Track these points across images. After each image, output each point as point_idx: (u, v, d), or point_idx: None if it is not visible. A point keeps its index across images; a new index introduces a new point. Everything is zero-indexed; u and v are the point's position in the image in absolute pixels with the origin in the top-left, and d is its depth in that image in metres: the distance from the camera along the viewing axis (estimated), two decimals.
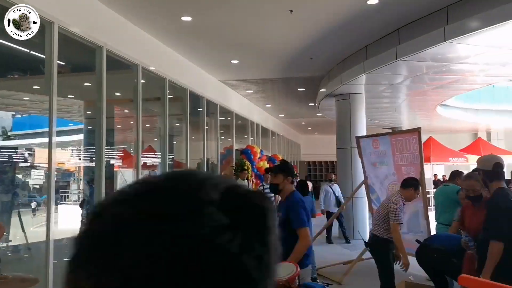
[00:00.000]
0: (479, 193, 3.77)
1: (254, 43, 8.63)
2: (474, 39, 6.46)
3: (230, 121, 13.27)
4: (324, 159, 26.46)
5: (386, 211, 4.98)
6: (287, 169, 3.67)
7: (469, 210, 3.97)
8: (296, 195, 3.66)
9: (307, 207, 6.71)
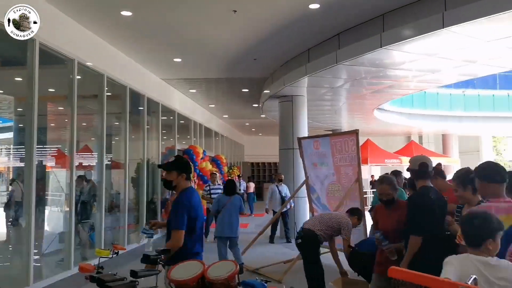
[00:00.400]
0: (391, 197, 3.98)
1: (197, 42, 8.52)
2: (408, 46, 6.81)
3: (172, 120, 13.02)
4: (268, 160, 26.74)
5: (338, 225, 5.22)
6: (181, 166, 3.47)
7: (382, 212, 4.11)
8: (185, 194, 3.42)
9: (235, 205, 6.91)
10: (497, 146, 34.47)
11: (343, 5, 6.69)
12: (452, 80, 10.30)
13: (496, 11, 5.21)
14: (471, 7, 5.50)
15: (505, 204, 2.76)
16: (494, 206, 2.74)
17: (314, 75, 8.70)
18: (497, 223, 2.31)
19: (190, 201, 3.38)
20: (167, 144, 13.07)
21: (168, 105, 12.30)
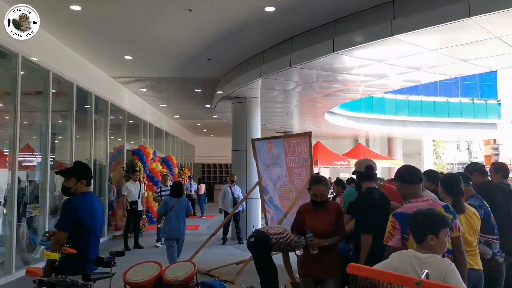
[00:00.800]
0: (325, 198, 3.89)
1: (150, 40, 8.34)
2: (358, 52, 7.05)
3: (121, 120, 12.65)
4: (219, 161, 26.64)
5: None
6: (80, 172, 3.46)
7: (310, 213, 3.90)
8: (77, 197, 3.38)
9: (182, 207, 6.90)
10: (437, 149, 36.47)
11: (298, 10, 6.81)
12: (397, 86, 10.77)
13: (441, 21, 5.51)
14: (418, 17, 5.79)
15: (424, 203, 2.98)
16: (414, 206, 2.95)
17: (268, 77, 8.79)
18: (439, 220, 2.47)
19: (80, 205, 3.31)
20: (115, 144, 12.69)
21: (117, 103, 11.94)
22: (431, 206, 2.91)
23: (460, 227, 3.00)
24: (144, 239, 10.24)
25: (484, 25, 5.56)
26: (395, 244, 2.91)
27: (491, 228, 3.69)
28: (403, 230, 2.88)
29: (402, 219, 2.91)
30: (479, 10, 5.14)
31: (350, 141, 24.70)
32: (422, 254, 2.34)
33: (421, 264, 2.26)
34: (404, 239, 2.91)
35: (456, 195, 3.45)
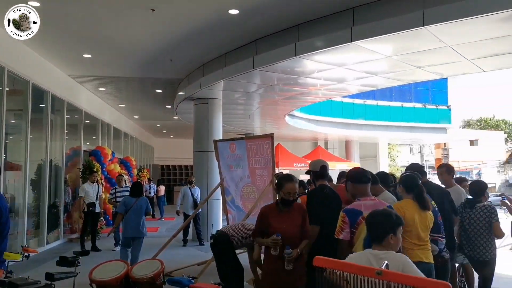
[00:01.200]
0: (296, 198, 3.89)
1: (110, 38, 8.18)
2: (319, 56, 7.25)
3: (78, 120, 12.30)
4: (179, 163, 26.36)
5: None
6: None
7: (274, 216, 3.74)
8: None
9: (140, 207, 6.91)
10: (391, 152, 37.78)
11: (261, 13, 6.92)
12: (355, 90, 11.13)
13: (397, 29, 5.78)
14: (376, 25, 6.04)
15: (371, 202, 3.34)
16: (363, 203, 3.31)
17: (230, 79, 8.85)
18: (396, 219, 2.63)
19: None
20: (71, 144, 12.31)
21: (74, 103, 11.60)
22: (378, 205, 3.27)
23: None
24: (101, 242, 9.99)
25: (436, 34, 5.88)
26: (345, 238, 3.23)
27: (437, 227, 3.93)
28: (352, 225, 3.21)
29: (351, 215, 3.26)
30: (433, 20, 5.44)
31: (309, 143, 25.15)
32: (378, 251, 2.46)
33: (378, 259, 2.37)
34: (352, 233, 3.22)
35: (417, 193, 3.70)
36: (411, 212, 3.52)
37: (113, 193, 9.92)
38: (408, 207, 3.64)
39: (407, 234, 3.44)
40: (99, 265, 2.77)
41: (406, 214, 3.53)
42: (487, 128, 55.08)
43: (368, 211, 3.11)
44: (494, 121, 59.40)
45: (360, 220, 3.25)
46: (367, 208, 3.24)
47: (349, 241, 3.23)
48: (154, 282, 2.60)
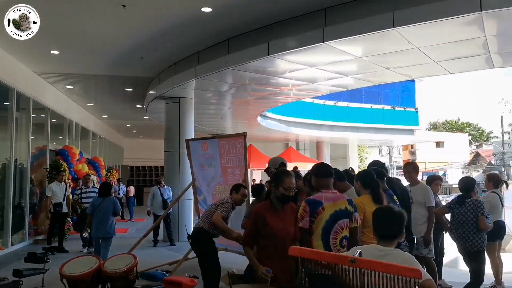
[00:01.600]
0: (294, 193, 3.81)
1: (79, 35, 7.98)
2: (292, 56, 7.31)
3: (44, 118, 11.93)
4: (149, 163, 25.97)
5: (215, 207, 5.23)
6: None
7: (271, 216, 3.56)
8: None
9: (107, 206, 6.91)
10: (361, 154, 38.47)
11: (234, 12, 6.91)
12: (326, 91, 11.27)
13: (368, 30, 5.90)
14: (348, 25, 6.15)
15: (332, 194, 3.52)
16: (324, 195, 3.49)
17: (202, 78, 8.79)
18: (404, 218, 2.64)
19: None
20: (38, 144, 11.93)
21: (40, 101, 11.24)
22: (338, 197, 3.51)
23: (359, 220, 3.52)
24: (69, 243, 9.71)
25: (405, 36, 6.04)
26: (304, 226, 3.40)
27: None
28: (312, 214, 3.39)
29: (311, 205, 3.44)
30: (402, 21, 5.58)
31: (281, 144, 25.27)
32: (385, 247, 2.46)
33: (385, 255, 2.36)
34: (312, 221, 3.40)
35: (373, 188, 3.90)
36: (370, 208, 3.64)
37: (78, 194, 9.62)
38: (368, 202, 3.82)
39: (367, 229, 3.57)
40: (70, 260, 2.70)
41: (367, 210, 3.70)
42: (452, 130, 56.95)
43: (328, 202, 3.41)
44: (459, 123, 61.49)
45: (320, 210, 3.41)
46: (327, 199, 3.45)
47: (307, 229, 3.39)
48: (127, 276, 2.55)
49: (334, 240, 3.37)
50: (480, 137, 58.03)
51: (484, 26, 5.59)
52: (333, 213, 3.40)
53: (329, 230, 3.37)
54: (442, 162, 45.20)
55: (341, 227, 3.41)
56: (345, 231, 3.43)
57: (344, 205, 3.49)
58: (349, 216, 3.48)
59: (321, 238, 3.36)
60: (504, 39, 6.45)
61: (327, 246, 3.33)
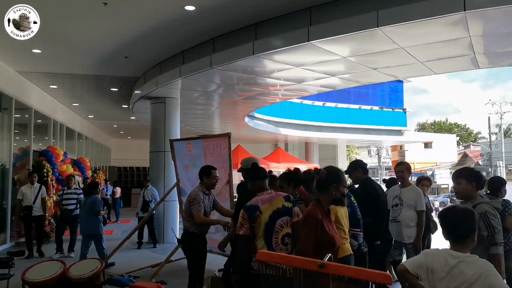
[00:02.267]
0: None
1: (61, 33, 7.83)
2: (278, 56, 7.24)
3: (28, 118, 11.71)
4: (137, 164, 25.74)
5: (188, 206, 5.08)
6: None
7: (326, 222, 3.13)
8: None
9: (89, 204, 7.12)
10: (350, 154, 38.60)
11: (218, 11, 6.81)
12: (314, 91, 11.23)
13: (353, 30, 5.85)
14: (332, 25, 6.09)
15: (267, 195, 3.53)
16: (260, 198, 3.50)
17: (188, 78, 8.68)
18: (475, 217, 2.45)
19: None
20: (21, 144, 11.71)
21: (23, 101, 11.03)
22: (274, 197, 3.50)
23: (299, 214, 3.47)
24: (50, 247, 9.44)
25: (390, 36, 6.00)
26: (245, 233, 3.38)
27: (356, 222, 4.13)
28: (251, 219, 3.39)
29: (249, 211, 3.43)
30: (386, 21, 5.54)
31: (270, 145, 25.23)
32: (460, 253, 2.27)
33: (459, 263, 2.21)
34: (252, 227, 3.39)
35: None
36: (341, 209, 3.68)
37: (60, 195, 9.22)
38: None
39: (339, 231, 3.57)
40: (34, 265, 2.58)
41: (338, 212, 3.68)
42: (440, 131, 57.46)
43: (264, 204, 3.42)
44: (447, 124, 62.09)
45: (257, 214, 3.41)
46: (263, 202, 3.46)
47: (249, 236, 3.39)
48: (92, 282, 2.45)
49: (276, 240, 3.39)
50: (468, 137, 58.66)
51: (469, 26, 5.57)
52: (271, 214, 3.43)
53: (270, 231, 3.39)
54: (431, 163, 45.56)
55: (281, 226, 3.43)
56: (285, 229, 3.44)
57: (280, 203, 3.50)
58: (289, 213, 3.50)
59: (264, 240, 3.38)
60: (489, 40, 6.45)
61: (269, 247, 3.34)
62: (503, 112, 38.60)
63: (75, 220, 8.95)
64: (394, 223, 5.18)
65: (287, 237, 3.42)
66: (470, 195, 3.38)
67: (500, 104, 38.99)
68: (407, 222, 5.08)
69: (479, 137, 57.46)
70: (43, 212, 9.16)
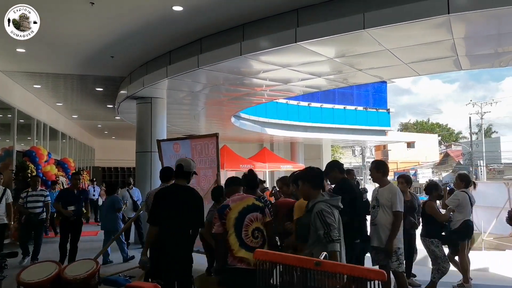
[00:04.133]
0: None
1: (46, 32, 7.69)
2: (265, 57, 7.28)
3: (11, 118, 11.53)
4: (121, 165, 25.51)
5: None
6: None
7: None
8: None
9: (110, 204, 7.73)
10: (335, 154, 38.89)
11: (206, 11, 6.82)
12: (300, 92, 11.31)
13: (339, 31, 5.93)
14: (319, 26, 6.16)
15: (239, 196, 4.06)
16: (231, 199, 4.02)
17: (175, 78, 8.66)
18: None
19: None
20: (4, 144, 11.53)
21: (6, 100, 10.86)
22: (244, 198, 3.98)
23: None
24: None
25: (376, 38, 6.10)
26: (217, 231, 3.83)
27: None
28: (221, 217, 3.84)
29: (220, 210, 3.94)
30: (372, 23, 5.63)
31: (255, 145, 25.27)
32: None
33: None
34: (223, 224, 3.81)
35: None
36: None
37: (24, 197, 8.27)
38: None
39: None
40: (29, 266, 2.58)
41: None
42: (422, 131, 58.32)
43: (234, 202, 3.88)
44: (429, 124, 63.03)
45: (227, 211, 3.84)
46: (234, 201, 3.93)
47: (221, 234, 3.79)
48: (88, 282, 2.45)
49: (246, 232, 3.77)
50: (450, 137, 59.68)
51: (452, 29, 5.70)
52: (241, 210, 3.84)
53: (240, 225, 3.78)
54: (413, 162, 46.22)
55: (251, 220, 3.83)
56: (255, 224, 3.83)
57: (251, 201, 3.95)
58: (259, 210, 3.91)
59: (234, 233, 3.76)
60: (471, 42, 6.61)
61: (239, 239, 3.74)
62: (483, 112, 39.38)
63: (41, 224, 8.36)
64: (372, 226, 4.98)
65: (257, 231, 3.79)
66: (309, 194, 3.59)
67: (481, 104, 39.78)
68: (384, 225, 4.83)
69: (460, 136, 58.51)
70: (9, 220, 7.90)
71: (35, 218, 8.32)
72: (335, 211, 3.38)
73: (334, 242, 3.15)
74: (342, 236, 3.41)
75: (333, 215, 3.31)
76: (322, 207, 3.31)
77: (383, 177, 5.08)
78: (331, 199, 3.46)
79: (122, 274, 2.47)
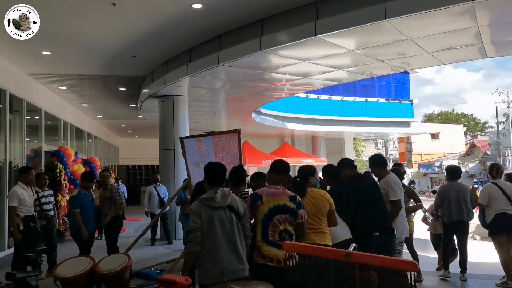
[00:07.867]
0: None
1: (70, 35, 7.91)
2: (284, 51, 7.28)
3: (38, 120, 11.84)
4: (145, 163, 25.90)
5: None
6: None
7: None
8: None
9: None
10: (357, 147, 38.53)
11: (225, 8, 6.86)
12: (320, 85, 11.25)
13: (360, 22, 5.88)
14: (339, 18, 6.12)
15: (274, 190, 3.69)
16: (266, 190, 3.71)
17: (195, 75, 8.74)
18: None
19: None
20: (33, 145, 11.86)
21: (33, 102, 11.16)
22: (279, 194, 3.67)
23: (303, 216, 3.64)
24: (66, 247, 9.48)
25: (398, 27, 6.01)
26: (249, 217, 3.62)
27: None
28: (252, 207, 3.66)
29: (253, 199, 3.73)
30: (394, 13, 5.56)
31: (276, 140, 25.24)
32: None
33: None
34: (253, 214, 3.66)
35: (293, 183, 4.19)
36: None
37: (36, 199, 6.81)
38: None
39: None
40: (63, 261, 2.67)
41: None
42: (447, 122, 57.16)
43: (268, 197, 3.60)
44: (454, 114, 61.71)
45: (258, 203, 3.61)
46: (268, 194, 3.65)
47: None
48: (121, 276, 2.53)
49: (272, 233, 3.54)
50: (475, 127, 58.31)
51: (476, 16, 5.58)
52: (271, 207, 3.59)
53: (267, 224, 3.56)
54: (439, 154, 45.37)
55: (279, 221, 3.57)
56: (283, 225, 3.56)
57: (284, 201, 3.64)
58: (290, 212, 3.61)
59: (261, 230, 3.58)
60: (496, 29, 6.44)
61: (265, 239, 3.55)
62: (510, 100, 38.31)
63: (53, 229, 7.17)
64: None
65: (285, 232, 3.54)
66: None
67: (507, 92, 38.71)
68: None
69: (487, 126, 57.08)
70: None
71: (54, 222, 7.29)
72: (211, 210, 3.26)
73: (190, 242, 3.22)
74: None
75: (198, 215, 3.23)
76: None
77: (381, 169, 5.10)
78: (205, 198, 3.36)
79: (154, 268, 2.54)
